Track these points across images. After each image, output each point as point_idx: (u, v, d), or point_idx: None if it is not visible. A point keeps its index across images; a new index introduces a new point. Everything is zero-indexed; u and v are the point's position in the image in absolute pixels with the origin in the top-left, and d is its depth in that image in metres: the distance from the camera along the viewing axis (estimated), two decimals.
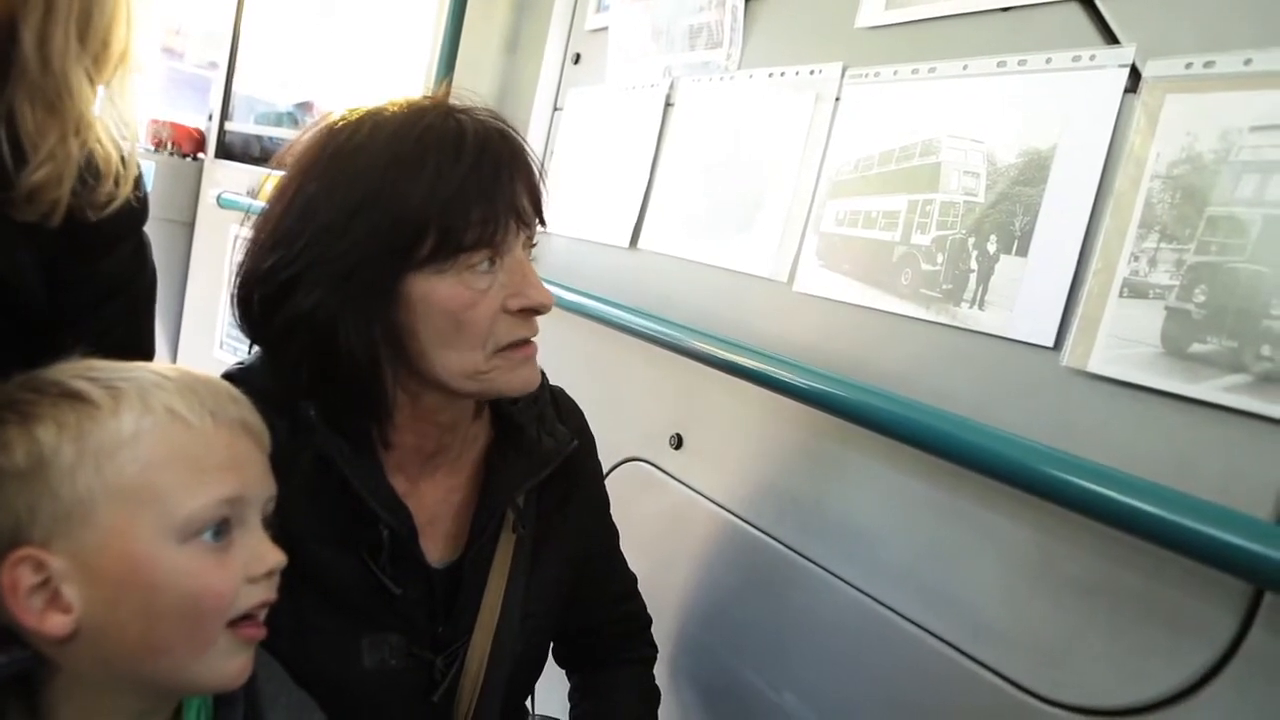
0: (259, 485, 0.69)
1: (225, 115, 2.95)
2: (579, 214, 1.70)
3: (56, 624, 0.60)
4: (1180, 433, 0.81)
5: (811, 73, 1.26)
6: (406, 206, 0.76)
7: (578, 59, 1.84)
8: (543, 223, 0.86)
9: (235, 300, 0.83)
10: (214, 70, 3.17)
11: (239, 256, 0.84)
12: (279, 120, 2.88)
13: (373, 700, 0.85)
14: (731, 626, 1.29)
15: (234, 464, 0.66)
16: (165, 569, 0.62)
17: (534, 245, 0.85)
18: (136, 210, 0.96)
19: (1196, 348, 0.80)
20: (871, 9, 1.18)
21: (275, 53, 2.93)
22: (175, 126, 3.00)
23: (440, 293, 0.78)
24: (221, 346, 2.83)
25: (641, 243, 1.54)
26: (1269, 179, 0.77)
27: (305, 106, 2.87)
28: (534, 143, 1.91)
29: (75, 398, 0.63)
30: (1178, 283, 0.82)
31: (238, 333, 2.73)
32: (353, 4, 2.61)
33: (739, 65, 1.40)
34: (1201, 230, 0.80)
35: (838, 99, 1.22)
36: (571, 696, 1.12)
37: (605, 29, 1.72)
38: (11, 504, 0.60)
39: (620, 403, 1.51)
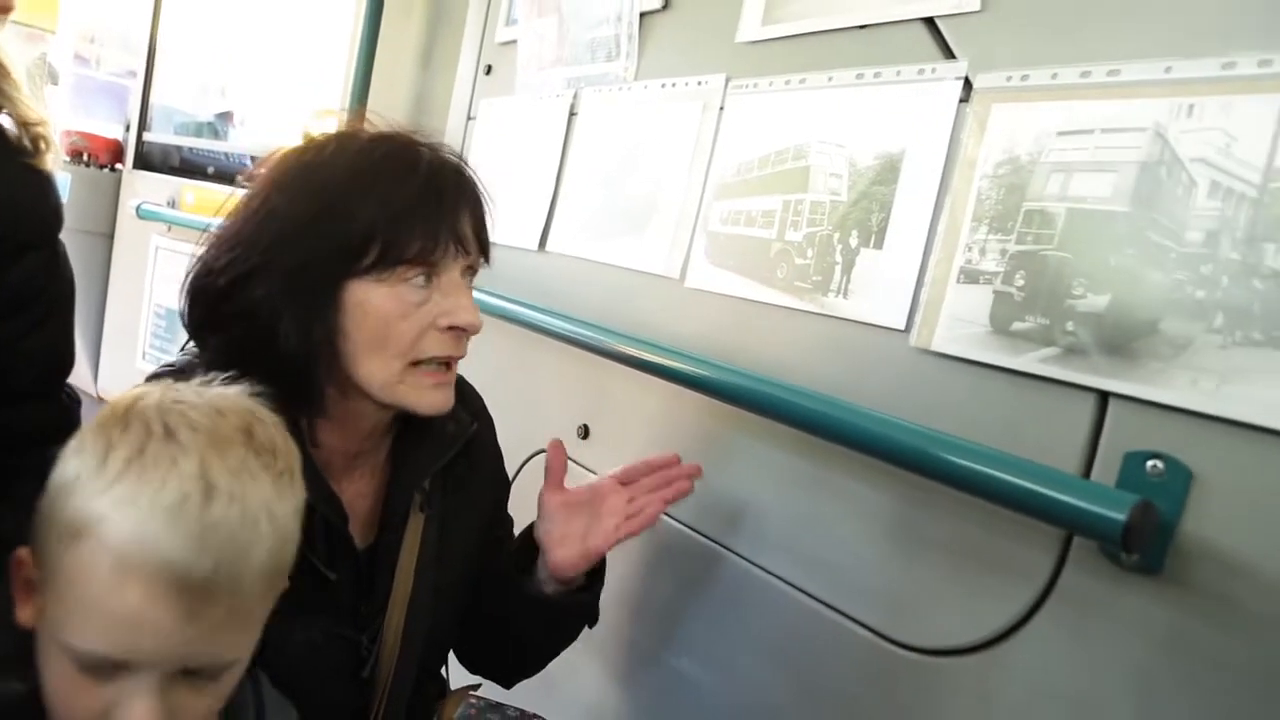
0: (163, 655, 0.61)
1: (143, 126, 2.94)
2: (494, 220, 1.77)
3: (24, 614, 0.65)
4: (1006, 400, 0.92)
5: (699, 83, 1.36)
6: (356, 218, 0.84)
7: (489, 70, 1.92)
8: (485, 256, 0.94)
9: (186, 291, 0.91)
10: (132, 79, 3.16)
11: (200, 250, 0.91)
12: (199, 130, 2.89)
13: (305, 681, 0.89)
14: (636, 603, 1.37)
15: (132, 626, 0.60)
16: (52, 659, 0.63)
17: (474, 273, 0.93)
18: (47, 220, 1.00)
19: (1017, 325, 0.91)
20: (750, 25, 1.28)
21: (194, 63, 2.93)
22: (91, 138, 2.98)
23: (375, 300, 0.86)
24: (144, 357, 2.83)
25: (549, 245, 1.62)
26: (1071, 177, 0.88)
27: (226, 117, 2.88)
28: None
29: (107, 446, 0.63)
30: (1002, 269, 0.93)
31: (160, 343, 2.75)
32: (270, 16, 2.64)
33: (635, 76, 1.50)
34: (1020, 223, 0.92)
35: (722, 108, 1.32)
36: (476, 640, 1.16)
37: (514, 41, 1.80)
38: (41, 510, 0.64)
39: (531, 397, 1.59)
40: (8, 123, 0.96)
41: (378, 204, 0.85)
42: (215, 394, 0.71)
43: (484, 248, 0.94)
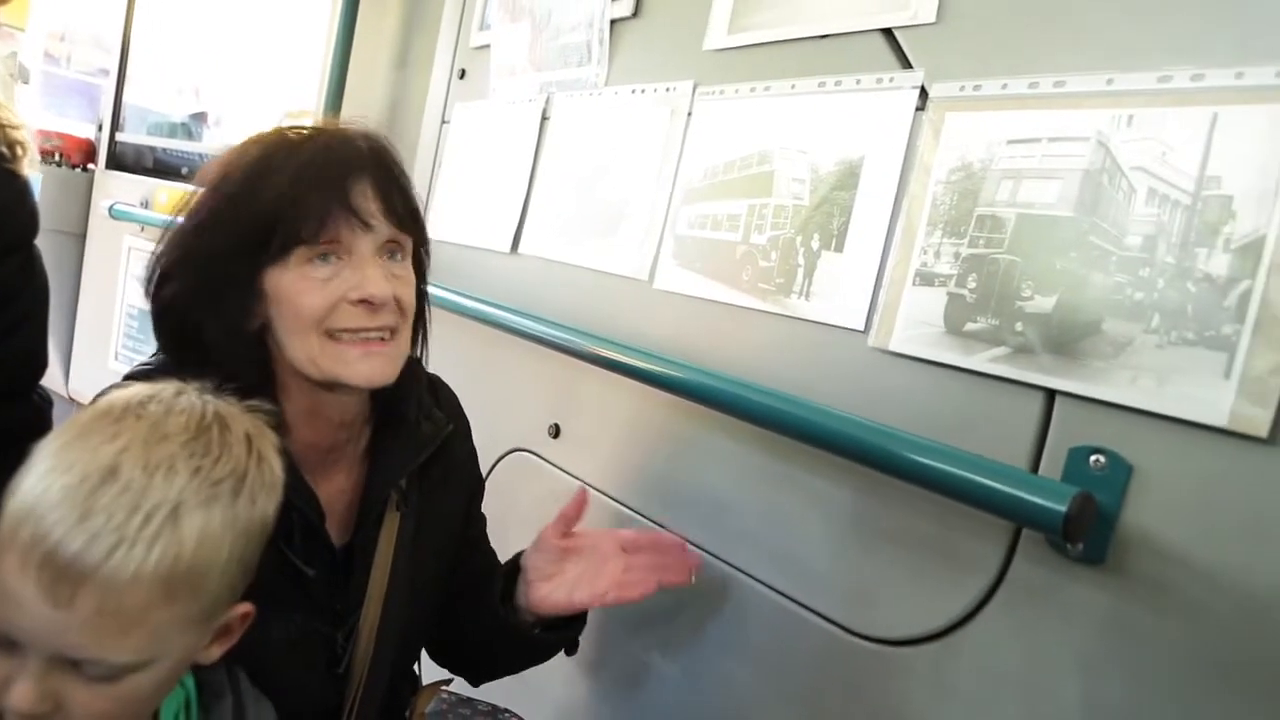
0: (36, 637, 0.61)
1: (116, 125, 2.93)
2: (465, 222, 1.79)
3: None
4: (960, 398, 0.96)
5: (668, 90, 1.39)
6: (257, 205, 0.86)
7: (463, 74, 1.94)
8: (405, 228, 0.92)
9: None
10: (103, 77, 3.14)
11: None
12: (172, 131, 2.88)
13: (281, 676, 0.91)
14: None
15: (8, 600, 0.61)
16: None
17: (398, 249, 0.92)
18: (24, 224, 1.01)
19: (970, 326, 0.94)
20: (717, 33, 1.31)
21: (167, 63, 2.93)
22: (64, 137, 2.97)
23: (284, 284, 0.87)
24: (116, 358, 2.82)
25: (522, 247, 1.65)
26: (1020, 183, 0.92)
27: (200, 118, 2.87)
28: (423, 155, 1.99)
29: (70, 426, 0.66)
30: (956, 272, 0.96)
31: (133, 344, 2.74)
32: (245, 17, 2.64)
33: (606, 82, 1.53)
34: (972, 227, 0.95)
35: (690, 114, 1.35)
36: (446, 648, 1.19)
37: (488, 46, 1.82)
38: None
39: (504, 397, 1.61)
40: None
41: (272, 191, 0.86)
42: (211, 400, 0.71)
43: (399, 220, 0.91)
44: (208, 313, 0.87)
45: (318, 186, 0.87)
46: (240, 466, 0.68)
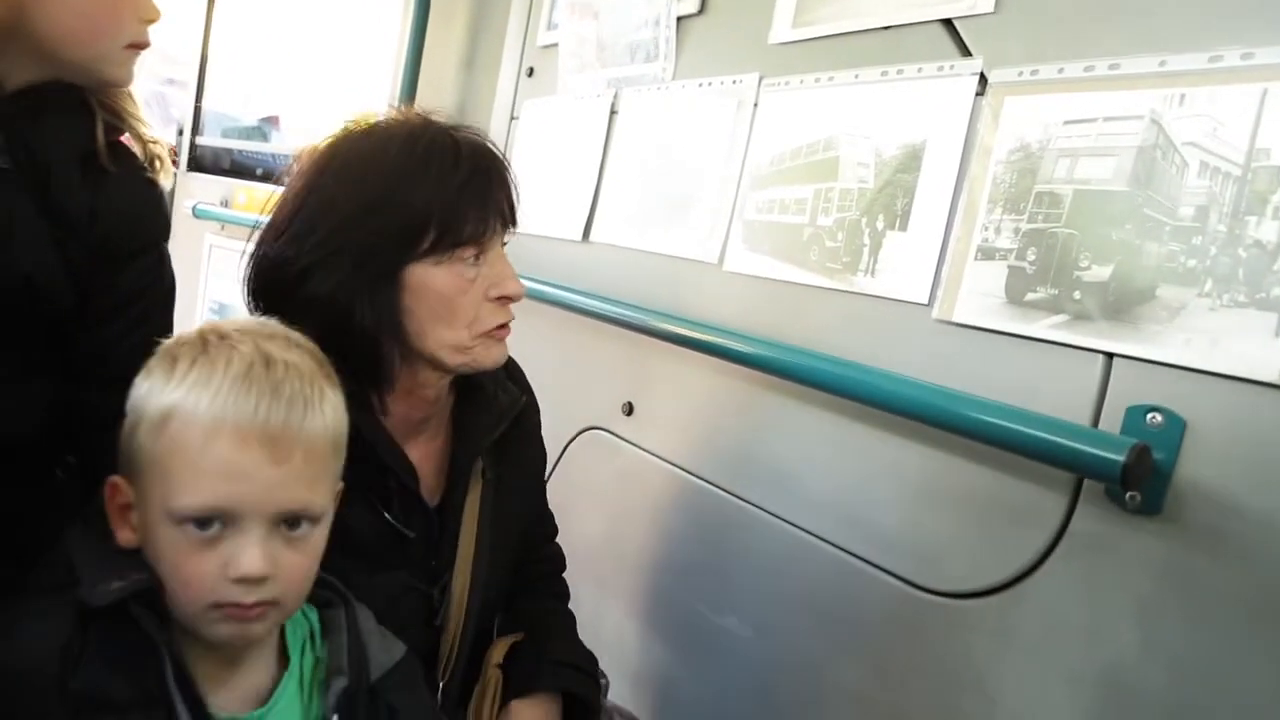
0: (260, 499, 0.71)
1: (196, 130, 3.08)
2: (537, 213, 1.88)
3: (125, 538, 0.76)
4: (1021, 363, 1.02)
5: (734, 82, 1.46)
6: (412, 207, 0.93)
7: (531, 72, 2.03)
8: (515, 225, 1.03)
9: (249, 285, 0.99)
10: (170, 86, 3.31)
11: (251, 247, 1.00)
12: (245, 134, 3.02)
13: (386, 630, 0.97)
14: (682, 567, 1.48)
15: (228, 474, 0.70)
16: (161, 540, 0.72)
17: (506, 244, 1.02)
18: (159, 229, 1.11)
19: (1030, 296, 1.01)
20: (782, 27, 1.39)
21: (238, 69, 3.06)
22: None
23: (437, 280, 0.95)
24: None
25: (593, 235, 1.74)
26: (1077, 161, 0.98)
27: (271, 120, 3.01)
28: None
29: (172, 361, 0.74)
30: (1016, 246, 1.03)
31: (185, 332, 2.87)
32: (320, 24, 2.76)
33: (673, 77, 1.60)
34: (1031, 204, 1.02)
35: (756, 105, 1.42)
36: (503, 627, 1.24)
37: (555, 45, 1.91)
38: (124, 435, 0.76)
39: (578, 378, 1.70)
40: (133, 142, 1.07)
41: (432, 191, 0.93)
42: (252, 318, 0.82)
43: (515, 219, 1.02)
44: (362, 301, 0.93)
45: (479, 192, 0.95)
46: (323, 357, 0.81)
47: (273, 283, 0.97)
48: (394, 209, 0.93)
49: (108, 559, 0.74)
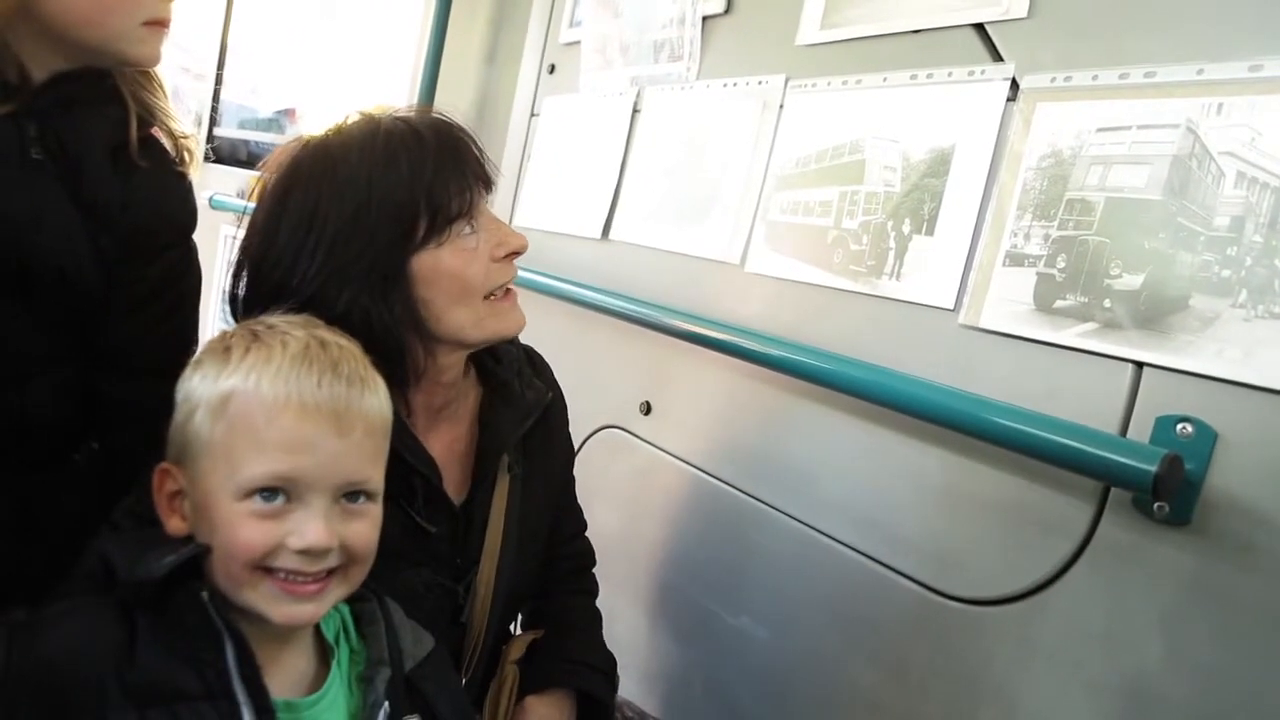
0: (324, 470, 0.73)
1: (214, 121, 3.09)
2: (556, 210, 1.89)
3: (175, 525, 0.77)
4: (1049, 370, 1.02)
5: (759, 83, 1.46)
6: (395, 202, 0.92)
7: (552, 69, 2.03)
8: (495, 181, 1.02)
9: (235, 307, 0.99)
10: (185, 76, 3.31)
11: (232, 270, 0.99)
12: (261, 125, 3.03)
13: None
14: (697, 567, 1.48)
15: (294, 446, 0.72)
16: (221, 514, 0.73)
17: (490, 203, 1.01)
18: (187, 222, 1.12)
19: (1059, 303, 1.00)
20: (809, 29, 1.38)
21: (256, 61, 3.07)
22: None
23: (444, 261, 0.95)
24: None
25: (612, 234, 1.73)
26: (1110, 169, 0.98)
27: (287, 113, 3.01)
28: (512, 146, 2.09)
29: (225, 350, 0.76)
30: (1045, 253, 1.02)
31: (229, 326, 2.88)
32: (341, 19, 2.76)
33: (697, 76, 1.60)
34: (1062, 210, 1.01)
35: (781, 106, 1.41)
36: (525, 622, 1.25)
37: (578, 42, 1.91)
38: (177, 424, 0.77)
39: (596, 376, 1.70)
40: (163, 136, 1.07)
41: (409, 181, 0.92)
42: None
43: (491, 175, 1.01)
44: (378, 308, 0.92)
45: (453, 166, 0.95)
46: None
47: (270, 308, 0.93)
48: (379, 211, 0.92)
49: (151, 545, 0.75)
